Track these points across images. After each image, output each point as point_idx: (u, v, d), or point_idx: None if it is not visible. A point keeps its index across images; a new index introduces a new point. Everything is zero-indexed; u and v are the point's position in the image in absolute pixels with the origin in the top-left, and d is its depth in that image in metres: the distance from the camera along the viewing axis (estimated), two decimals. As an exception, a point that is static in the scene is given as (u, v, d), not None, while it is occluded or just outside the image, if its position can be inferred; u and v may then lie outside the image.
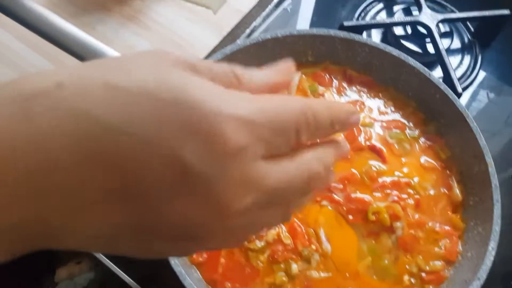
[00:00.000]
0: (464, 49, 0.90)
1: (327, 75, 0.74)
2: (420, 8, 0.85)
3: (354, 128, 0.69)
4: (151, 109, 0.19)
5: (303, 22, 0.92)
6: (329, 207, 0.62)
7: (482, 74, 0.94)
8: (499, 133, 0.91)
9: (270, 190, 0.22)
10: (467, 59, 0.89)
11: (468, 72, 0.87)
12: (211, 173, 0.20)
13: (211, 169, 0.20)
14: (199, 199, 0.21)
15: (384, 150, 0.68)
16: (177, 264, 0.52)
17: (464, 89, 0.84)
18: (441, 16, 0.84)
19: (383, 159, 0.67)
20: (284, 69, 0.29)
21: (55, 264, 1.24)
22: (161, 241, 0.22)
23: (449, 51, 0.86)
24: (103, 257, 0.67)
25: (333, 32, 0.71)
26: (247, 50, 0.69)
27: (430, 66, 0.81)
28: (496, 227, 0.59)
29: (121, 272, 0.66)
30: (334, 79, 0.74)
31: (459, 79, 0.82)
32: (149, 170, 0.19)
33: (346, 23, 0.80)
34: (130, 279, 0.65)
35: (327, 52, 0.74)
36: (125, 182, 0.19)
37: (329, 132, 0.27)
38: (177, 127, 0.19)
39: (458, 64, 0.88)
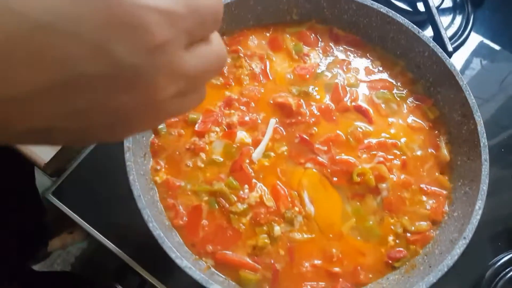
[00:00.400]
0: (455, 8, 0.87)
1: (313, 34, 0.71)
2: (410, -35, 0.81)
3: (340, 89, 0.66)
4: (71, 3, 0.19)
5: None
6: (314, 169, 0.61)
7: (475, 40, 0.91)
8: (492, 99, 0.89)
9: (191, 77, 0.24)
10: (458, 18, 0.86)
11: (460, 32, 0.85)
12: (141, 65, 0.21)
13: (141, 61, 0.21)
14: (131, 88, 0.21)
15: (371, 110, 0.66)
16: (156, 227, 0.51)
17: (456, 49, 0.82)
18: (432, -27, 0.81)
19: (369, 120, 0.65)
20: None
21: (47, 235, 1.23)
22: (94, 128, 0.23)
23: (440, 10, 0.83)
24: (93, 229, 0.65)
25: (319, -12, 0.68)
26: (228, 8, 0.66)
27: (420, 25, 0.79)
28: (484, 186, 0.57)
29: (110, 243, 0.65)
30: (319, 39, 0.71)
31: (450, 38, 0.79)
32: (79, 64, 0.19)
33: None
34: (118, 249, 0.64)
35: (312, 10, 0.71)
36: (56, 77, 0.19)
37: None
38: (102, 21, 0.19)
39: (449, 24, 0.85)
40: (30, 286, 0.92)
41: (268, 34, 0.70)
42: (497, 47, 0.94)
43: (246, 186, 0.59)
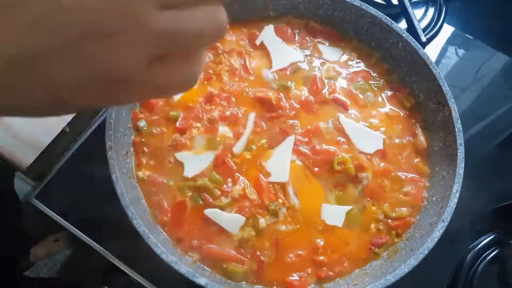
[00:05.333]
0: (428, 1, 0.89)
1: (289, 29, 0.72)
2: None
3: (318, 81, 0.68)
4: None
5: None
6: (297, 161, 0.62)
7: (449, 31, 0.93)
8: (468, 89, 0.92)
9: (167, 33, 0.23)
10: (431, 10, 0.88)
11: (433, 23, 0.87)
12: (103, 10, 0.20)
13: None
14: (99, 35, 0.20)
15: (348, 102, 0.67)
16: (140, 223, 0.51)
17: (429, 39, 0.84)
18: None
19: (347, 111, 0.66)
20: None
21: (29, 242, 1.20)
22: (71, 45, 0.21)
23: (413, 3, 0.85)
24: (79, 231, 0.65)
25: (293, -17, 0.69)
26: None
27: (394, 18, 0.80)
28: (460, 170, 0.59)
29: (96, 244, 0.64)
30: (296, 33, 0.72)
31: (423, 30, 0.81)
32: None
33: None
34: (105, 250, 0.64)
35: (288, 6, 0.72)
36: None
37: None
38: None
39: (422, 16, 0.87)
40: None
41: (245, 30, 0.71)
42: (470, 39, 0.96)
43: (230, 180, 0.59)
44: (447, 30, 0.94)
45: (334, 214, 0.59)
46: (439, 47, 0.93)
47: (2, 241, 0.88)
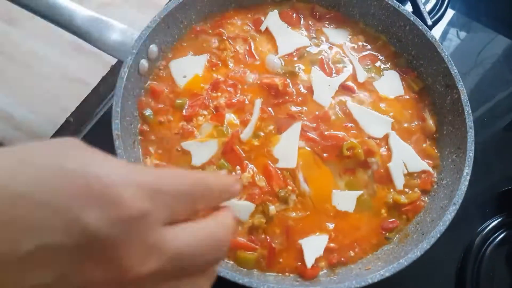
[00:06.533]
0: (432, -16, 0.88)
1: (295, 13, 0.71)
2: None
3: (325, 66, 0.67)
4: (52, 177, 0.20)
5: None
6: (306, 148, 0.61)
7: (450, 13, 0.93)
8: (470, 73, 0.91)
9: (174, 255, 0.23)
10: (435, -7, 0.87)
11: (437, 7, 0.86)
12: (114, 236, 0.21)
13: (114, 233, 0.21)
14: (102, 261, 0.21)
15: (355, 87, 0.66)
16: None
17: (435, 23, 0.83)
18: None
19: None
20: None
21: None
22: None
23: (418, -15, 0.83)
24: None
25: (298, -34, 0.68)
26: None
27: (400, 1, 0.80)
28: (470, 153, 0.59)
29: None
30: (301, 17, 0.71)
31: (428, 13, 0.81)
32: (47, 233, 0.20)
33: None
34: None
35: (292, -10, 0.71)
36: (22, 247, 0.19)
37: (219, 200, 0.29)
38: (77, 193, 0.20)
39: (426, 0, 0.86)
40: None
41: (250, 16, 0.70)
42: (471, 21, 0.95)
43: (238, 167, 0.59)
44: (448, 13, 0.93)
45: (345, 199, 0.59)
46: (440, 30, 0.92)
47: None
